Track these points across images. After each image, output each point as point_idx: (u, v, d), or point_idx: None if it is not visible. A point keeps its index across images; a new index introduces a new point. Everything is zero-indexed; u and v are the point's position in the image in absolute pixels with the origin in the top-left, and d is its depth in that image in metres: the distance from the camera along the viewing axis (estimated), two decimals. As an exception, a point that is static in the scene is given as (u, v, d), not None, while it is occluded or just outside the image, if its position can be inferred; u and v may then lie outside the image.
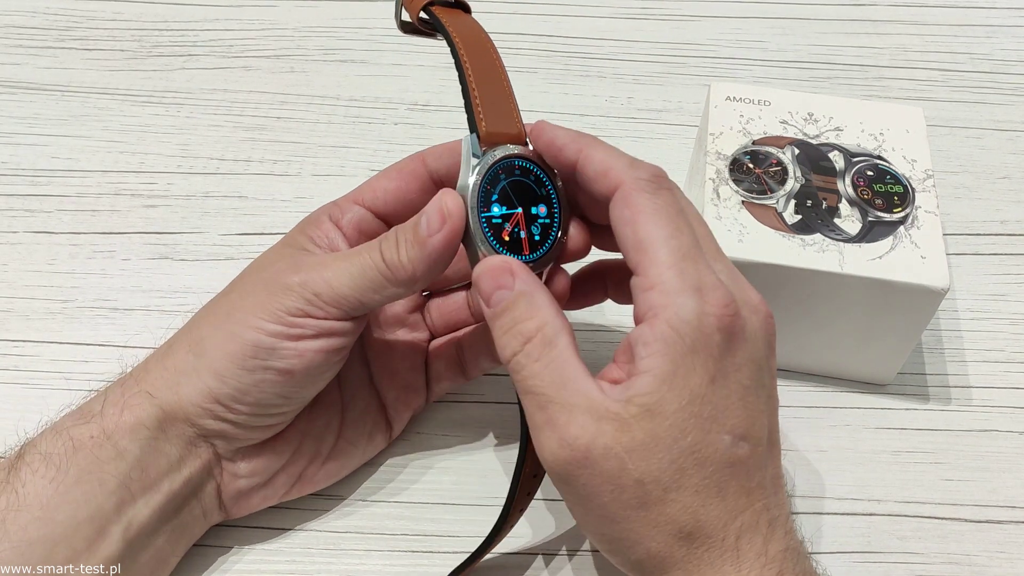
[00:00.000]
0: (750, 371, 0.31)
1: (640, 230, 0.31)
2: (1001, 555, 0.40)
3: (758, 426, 0.31)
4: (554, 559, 0.39)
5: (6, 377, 0.44)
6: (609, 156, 0.33)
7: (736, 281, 0.32)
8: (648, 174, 0.32)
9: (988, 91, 0.59)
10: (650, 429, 0.29)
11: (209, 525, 0.38)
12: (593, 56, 0.61)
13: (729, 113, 0.46)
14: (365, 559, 0.39)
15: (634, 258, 0.31)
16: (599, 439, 0.30)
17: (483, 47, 0.36)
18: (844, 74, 0.60)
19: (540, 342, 0.31)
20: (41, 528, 0.32)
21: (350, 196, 0.39)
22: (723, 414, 0.30)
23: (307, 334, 0.34)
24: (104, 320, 0.47)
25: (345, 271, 0.34)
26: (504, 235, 0.34)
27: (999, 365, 0.46)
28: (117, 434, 0.34)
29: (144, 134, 0.55)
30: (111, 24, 0.62)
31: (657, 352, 0.30)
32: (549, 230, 0.35)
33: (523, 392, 0.32)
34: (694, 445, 0.30)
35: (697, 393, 0.30)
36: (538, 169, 0.35)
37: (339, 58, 0.60)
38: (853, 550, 0.40)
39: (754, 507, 0.30)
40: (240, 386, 0.34)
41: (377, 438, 0.41)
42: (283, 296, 0.34)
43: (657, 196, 0.32)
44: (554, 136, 0.35)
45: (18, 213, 0.51)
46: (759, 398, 0.31)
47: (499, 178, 0.34)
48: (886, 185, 0.43)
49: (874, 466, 0.42)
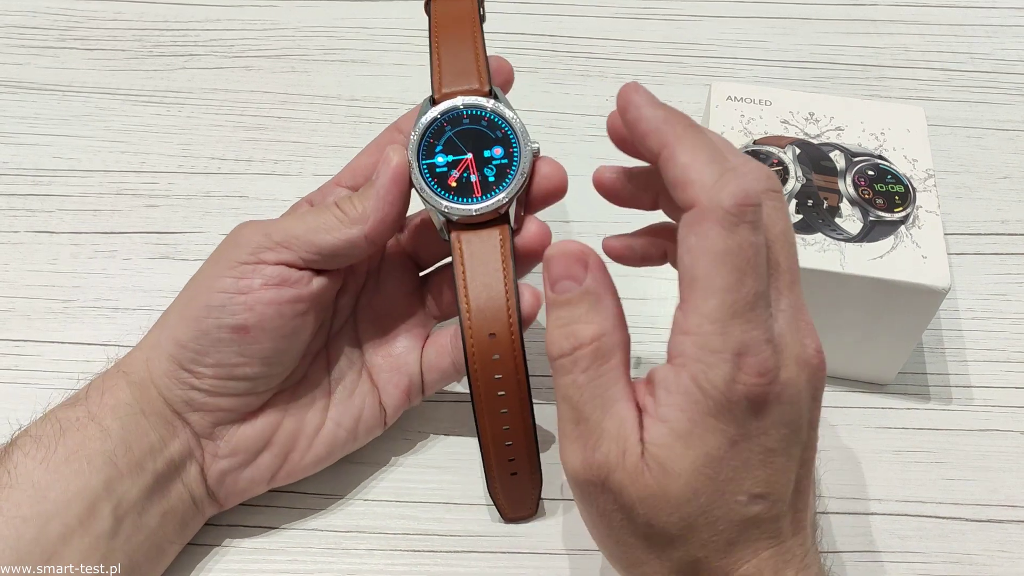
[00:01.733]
0: (780, 434, 0.29)
1: (698, 269, 0.28)
2: (1002, 554, 0.40)
3: (781, 484, 0.29)
4: (554, 559, 0.39)
5: (7, 377, 0.45)
6: (695, 163, 0.29)
7: (796, 328, 0.29)
8: (732, 201, 0.28)
9: (989, 91, 0.59)
10: (662, 483, 0.28)
11: (204, 517, 0.38)
12: (594, 56, 0.61)
13: (730, 113, 0.46)
14: (366, 558, 0.39)
15: (683, 292, 0.29)
16: (617, 474, 0.29)
17: (458, 18, 0.38)
18: (845, 74, 0.60)
19: (592, 353, 0.30)
20: (34, 505, 0.33)
21: (332, 180, 0.40)
22: (741, 475, 0.29)
23: (256, 285, 0.35)
24: (105, 320, 0.47)
25: (301, 218, 0.36)
26: (451, 181, 0.36)
27: (1000, 365, 0.46)
28: (100, 414, 0.35)
29: (145, 134, 0.55)
30: (112, 24, 0.62)
31: (677, 405, 0.28)
32: (507, 170, 0.36)
33: (561, 396, 0.31)
34: (706, 506, 0.29)
35: (714, 456, 0.28)
36: (490, 113, 0.37)
37: (340, 58, 0.60)
38: (854, 549, 0.40)
39: (759, 556, 0.29)
40: (198, 348, 0.35)
41: (369, 422, 0.40)
42: (236, 248, 0.36)
43: (732, 234, 0.28)
44: (638, 117, 0.31)
45: (19, 213, 0.51)
46: (789, 457, 0.29)
47: (444, 129, 0.37)
48: (887, 185, 0.43)
49: (875, 465, 0.42)
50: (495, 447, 0.37)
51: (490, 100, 0.37)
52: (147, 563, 0.35)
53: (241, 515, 0.40)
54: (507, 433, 0.37)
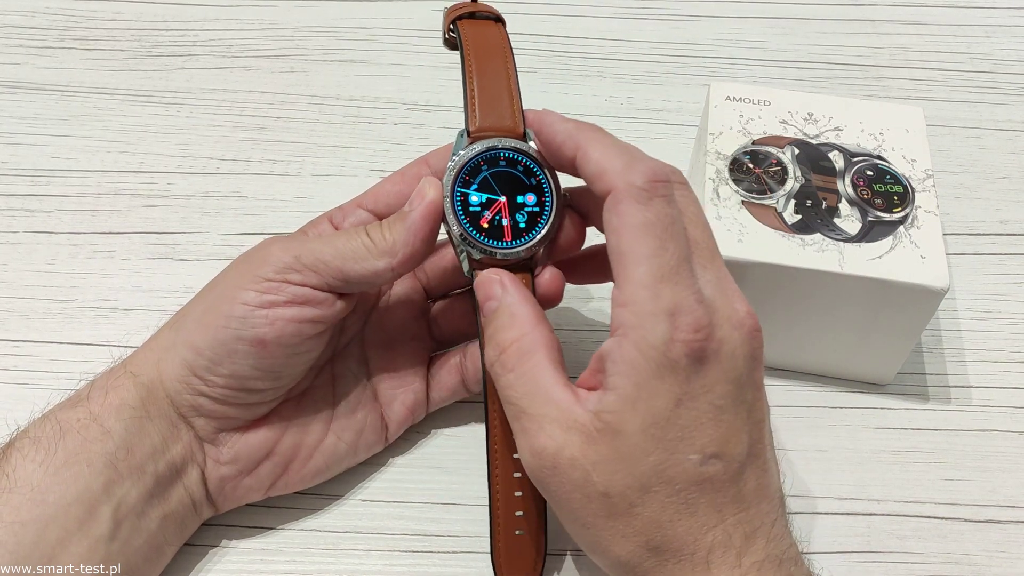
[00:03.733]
0: (724, 390, 0.30)
1: (623, 243, 0.31)
2: (1001, 555, 0.40)
3: (734, 443, 0.30)
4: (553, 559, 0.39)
5: (6, 377, 0.44)
6: (605, 156, 0.32)
7: (724, 293, 0.31)
8: (643, 179, 0.31)
9: (988, 91, 0.59)
10: (614, 446, 0.30)
11: (201, 519, 0.38)
12: (593, 56, 0.61)
13: (729, 113, 0.46)
14: (365, 559, 0.39)
15: (615, 270, 0.31)
16: (566, 450, 0.30)
17: (491, 50, 0.37)
18: (844, 74, 0.60)
19: (515, 353, 0.32)
20: (32, 509, 0.33)
21: (354, 201, 0.40)
22: (691, 434, 0.30)
23: (279, 301, 0.35)
24: (104, 320, 0.47)
25: (329, 242, 0.36)
26: (483, 222, 0.35)
27: (999, 365, 0.46)
28: (103, 415, 0.35)
29: (144, 134, 0.55)
30: (111, 24, 0.62)
31: (622, 372, 0.30)
32: (537, 218, 0.36)
33: (502, 400, 0.33)
34: (658, 465, 0.30)
35: (661, 416, 0.29)
36: (527, 159, 0.36)
37: (339, 58, 0.60)
38: (853, 550, 0.40)
39: (725, 522, 0.30)
40: (214, 356, 0.35)
41: (370, 438, 0.40)
42: (263, 265, 0.35)
43: (648, 207, 0.31)
44: (552, 131, 0.34)
45: (18, 213, 0.51)
46: (737, 415, 0.31)
47: (480, 168, 0.36)
48: (886, 185, 0.43)
49: (874, 466, 0.42)
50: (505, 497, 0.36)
51: (529, 145, 0.36)
52: (145, 564, 0.35)
53: (240, 516, 0.40)
54: (519, 481, 0.36)
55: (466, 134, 0.36)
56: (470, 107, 0.36)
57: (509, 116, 0.36)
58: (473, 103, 0.36)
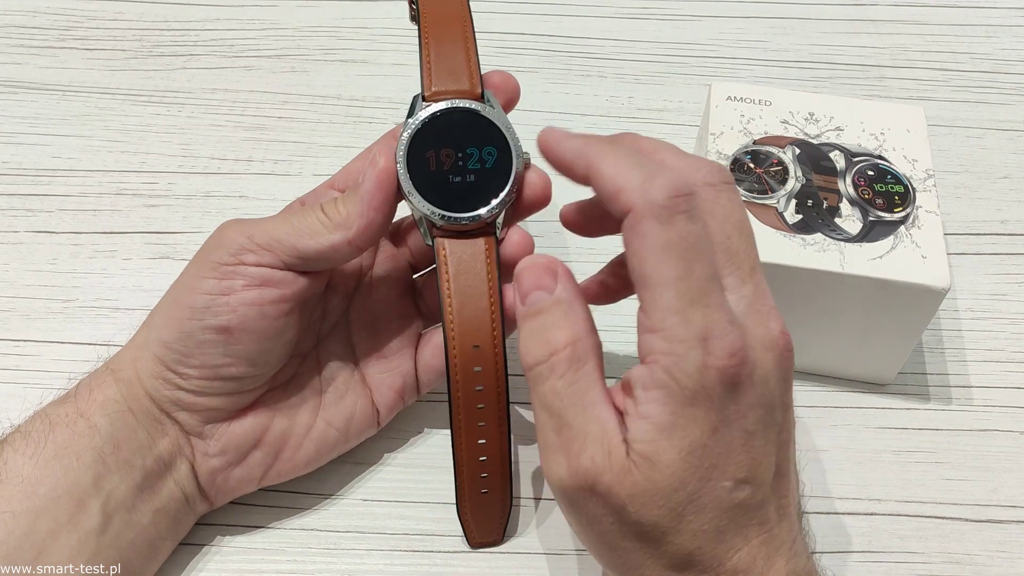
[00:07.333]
0: (756, 415, 0.29)
1: (647, 267, 0.29)
2: (1002, 554, 0.40)
3: (763, 467, 0.30)
4: (555, 559, 0.39)
5: (7, 377, 0.45)
6: (620, 172, 0.30)
7: (758, 311, 0.30)
8: (664, 195, 0.29)
9: (989, 91, 0.59)
10: (650, 477, 0.29)
11: (196, 514, 0.38)
12: (594, 56, 0.61)
13: (730, 113, 0.46)
14: (365, 558, 0.39)
15: (640, 293, 0.30)
16: (605, 475, 0.29)
17: (449, 17, 0.37)
18: (845, 74, 0.60)
19: (568, 358, 0.30)
20: (23, 501, 0.33)
21: (325, 183, 0.40)
22: (724, 461, 0.29)
23: (238, 286, 0.34)
24: (105, 320, 0.47)
25: (285, 219, 0.35)
26: (440, 186, 0.35)
27: (1000, 365, 0.46)
28: (89, 411, 0.35)
29: (145, 134, 0.55)
30: (112, 24, 0.62)
31: (656, 400, 0.29)
32: (496, 179, 0.35)
33: (539, 405, 0.31)
34: (693, 494, 0.29)
35: (697, 444, 0.29)
36: (483, 120, 0.35)
37: (340, 58, 0.60)
38: (854, 550, 0.40)
39: (750, 544, 0.30)
40: (183, 349, 0.35)
41: (361, 423, 0.40)
42: (219, 248, 0.35)
43: (671, 226, 0.29)
44: (560, 151, 0.32)
45: (19, 213, 0.51)
46: (766, 439, 0.30)
47: (436, 131, 0.35)
48: (887, 185, 0.43)
49: (875, 466, 0.42)
50: (469, 461, 0.37)
51: (484, 105, 0.36)
52: (140, 561, 0.35)
53: (241, 515, 0.40)
54: (482, 447, 0.36)
55: (421, 99, 0.36)
56: (425, 71, 0.36)
57: (466, 78, 0.36)
58: (429, 67, 0.36)
